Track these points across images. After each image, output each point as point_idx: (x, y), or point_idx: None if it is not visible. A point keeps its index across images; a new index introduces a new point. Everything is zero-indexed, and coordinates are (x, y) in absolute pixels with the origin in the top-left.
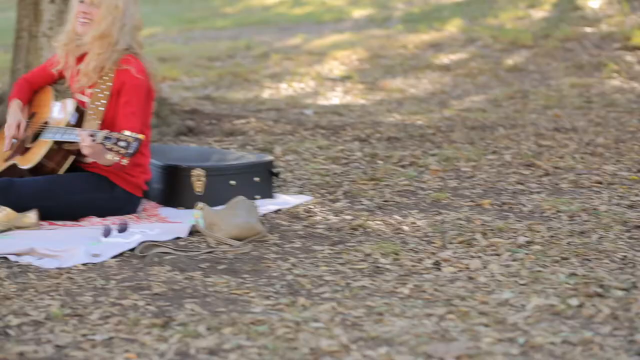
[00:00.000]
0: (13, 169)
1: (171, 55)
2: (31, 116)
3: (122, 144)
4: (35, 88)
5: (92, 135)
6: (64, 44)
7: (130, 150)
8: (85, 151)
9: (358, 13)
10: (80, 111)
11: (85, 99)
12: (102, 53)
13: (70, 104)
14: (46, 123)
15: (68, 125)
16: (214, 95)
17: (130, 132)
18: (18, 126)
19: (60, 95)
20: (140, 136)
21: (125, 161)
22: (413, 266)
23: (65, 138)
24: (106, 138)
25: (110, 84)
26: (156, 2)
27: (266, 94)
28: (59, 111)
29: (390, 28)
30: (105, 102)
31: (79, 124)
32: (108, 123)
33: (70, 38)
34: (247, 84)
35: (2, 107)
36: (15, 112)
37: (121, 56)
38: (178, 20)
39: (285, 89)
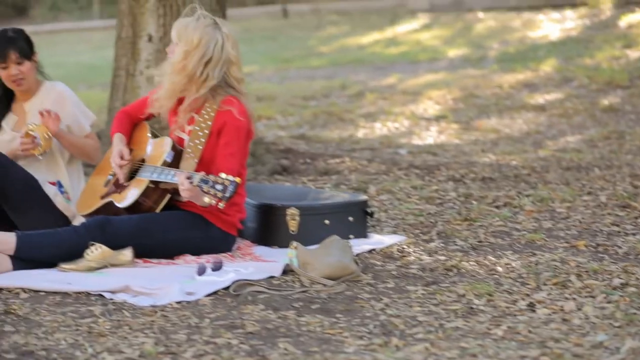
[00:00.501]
0: (109, 207)
1: (266, 94)
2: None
3: (218, 187)
4: (135, 121)
5: (189, 178)
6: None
7: (227, 194)
8: (183, 195)
9: (453, 53)
10: (177, 150)
11: (184, 136)
12: (177, 82)
13: (166, 142)
14: (143, 161)
15: (164, 163)
16: (309, 134)
17: (226, 175)
18: (121, 156)
19: (157, 133)
20: (237, 179)
21: (222, 205)
22: (507, 307)
23: (162, 178)
24: (203, 181)
25: (210, 123)
26: (252, 42)
27: (360, 133)
28: (155, 149)
29: (486, 68)
30: (204, 140)
31: (175, 162)
32: (205, 162)
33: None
34: (342, 123)
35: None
36: (117, 144)
37: (223, 97)
38: (274, 60)
39: (380, 129)
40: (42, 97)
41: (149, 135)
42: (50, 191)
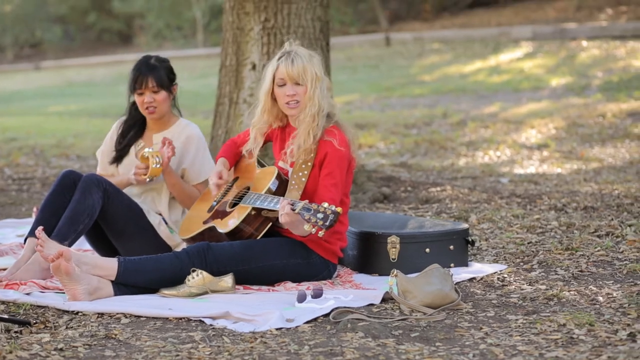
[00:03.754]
0: (211, 232)
1: (368, 122)
2: (234, 180)
3: (320, 215)
4: (241, 151)
5: (291, 205)
6: (258, 127)
7: (328, 223)
8: (282, 220)
9: (556, 81)
10: (282, 179)
11: (288, 167)
12: (314, 123)
13: (272, 172)
14: (248, 188)
15: (268, 191)
16: (410, 163)
17: (328, 205)
18: (219, 176)
19: (264, 162)
20: (339, 209)
21: (321, 233)
22: (608, 337)
23: (265, 205)
24: (305, 209)
25: (313, 155)
26: (354, 70)
27: (462, 161)
28: (260, 177)
29: (589, 97)
30: (307, 173)
31: (279, 191)
32: (309, 193)
33: (264, 121)
34: (443, 151)
35: None
36: (218, 166)
37: (327, 126)
38: (375, 88)
39: (481, 157)
40: (173, 132)
41: (256, 164)
42: (155, 220)
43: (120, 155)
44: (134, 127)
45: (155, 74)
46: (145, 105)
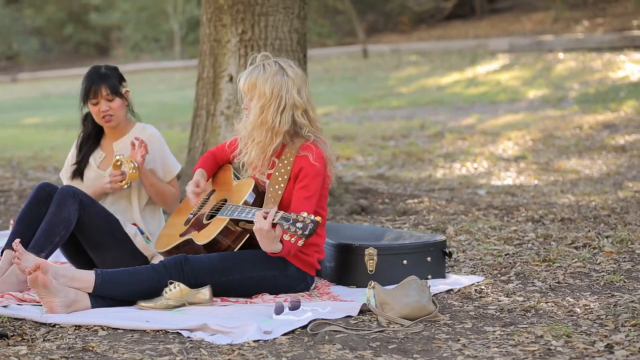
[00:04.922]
0: (188, 244)
1: (345, 134)
2: (211, 193)
3: (299, 225)
4: (220, 163)
5: (269, 215)
6: (242, 137)
7: (307, 232)
8: (256, 232)
9: (533, 93)
10: (259, 191)
11: (265, 179)
12: (262, 140)
13: (249, 184)
14: (225, 201)
15: (245, 203)
16: (388, 174)
17: (307, 214)
18: (197, 184)
19: (240, 175)
20: (318, 218)
21: (301, 242)
22: (585, 349)
23: (242, 217)
24: (283, 218)
25: (290, 168)
26: (332, 82)
27: (439, 173)
28: (237, 190)
29: (565, 109)
30: (283, 186)
31: (256, 203)
32: (285, 205)
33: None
34: (421, 163)
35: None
36: (196, 177)
37: (301, 142)
38: (353, 100)
39: (459, 169)
40: (132, 137)
41: (233, 177)
42: (131, 231)
43: (79, 168)
44: (89, 139)
45: (108, 81)
46: (102, 114)
